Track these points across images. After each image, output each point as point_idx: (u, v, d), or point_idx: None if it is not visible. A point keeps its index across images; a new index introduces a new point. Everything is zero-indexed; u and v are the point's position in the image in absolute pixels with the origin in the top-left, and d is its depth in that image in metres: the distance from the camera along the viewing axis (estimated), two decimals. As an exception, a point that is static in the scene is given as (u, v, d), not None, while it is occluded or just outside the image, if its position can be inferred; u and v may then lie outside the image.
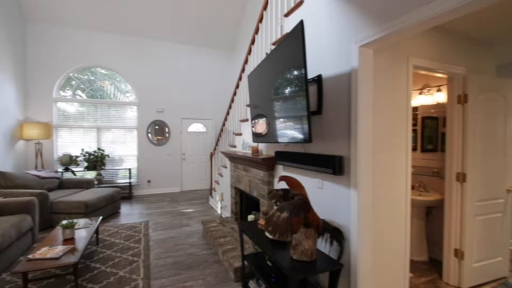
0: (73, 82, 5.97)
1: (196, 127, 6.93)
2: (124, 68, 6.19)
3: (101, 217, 3.42)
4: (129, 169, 5.96)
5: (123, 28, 6.02)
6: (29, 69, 5.50)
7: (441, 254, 2.47)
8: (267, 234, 2.21)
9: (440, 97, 2.82)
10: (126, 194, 5.91)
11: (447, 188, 2.36)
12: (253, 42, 3.42)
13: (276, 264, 1.91)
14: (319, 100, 2.06)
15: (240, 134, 3.72)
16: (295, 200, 1.79)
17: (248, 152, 3.28)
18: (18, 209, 3.26)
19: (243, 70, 3.80)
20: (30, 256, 2.28)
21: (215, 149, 5.23)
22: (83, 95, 6.05)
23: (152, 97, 6.45)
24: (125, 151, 6.32)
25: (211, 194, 5.41)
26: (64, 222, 2.84)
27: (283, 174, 2.55)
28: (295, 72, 2.00)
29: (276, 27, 2.80)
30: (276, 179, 2.73)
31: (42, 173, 4.66)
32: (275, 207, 1.96)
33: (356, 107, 1.75)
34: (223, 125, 4.71)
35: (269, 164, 2.71)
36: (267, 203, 2.74)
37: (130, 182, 5.98)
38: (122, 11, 5.66)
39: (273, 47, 2.78)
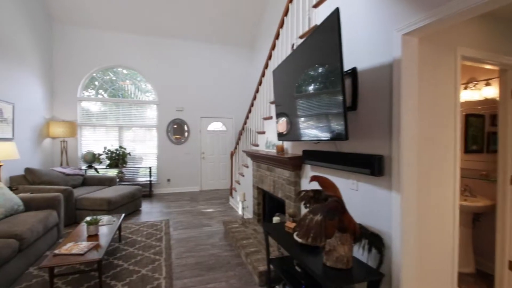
0: (96, 82, 6.11)
1: (216, 126, 6.91)
2: (145, 67, 6.25)
3: (123, 214, 3.42)
4: (150, 168, 6.01)
5: (145, 28, 6.08)
6: (55, 69, 5.67)
7: (491, 266, 2.24)
8: (295, 237, 2.09)
9: (488, 92, 2.56)
10: (147, 192, 5.96)
11: (500, 192, 2.13)
12: (277, 36, 3.30)
13: (307, 270, 1.78)
14: (353, 95, 1.91)
15: (263, 133, 3.61)
16: (329, 202, 1.65)
17: (272, 151, 3.16)
18: (45, 205, 3.32)
19: (266, 66, 3.68)
20: (56, 251, 2.28)
21: (235, 148, 5.15)
22: (105, 95, 6.17)
23: (172, 96, 6.48)
24: (145, 150, 6.39)
25: (231, 194, 5.34)
26: (88, 218, 2.85)
27: (312, 174, 2.41)
28: (328, 65, 1.86)
29: (304, 19, 2.67)
30: (303, 180, 2.60)
31: (67, 170, 4.77)
32: (304, 209, 1.84)
33: (399, 102, 1.59)
34: (244, 123, 4.62)
35: (295, 164, 2.58)
36: (294, 204, 2.61)
37: (150, 181, 6.03)
38: (144, 12, 5.72)
39: (300, 40, 2.65)
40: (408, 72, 1.62)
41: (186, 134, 6.61)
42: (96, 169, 5.58)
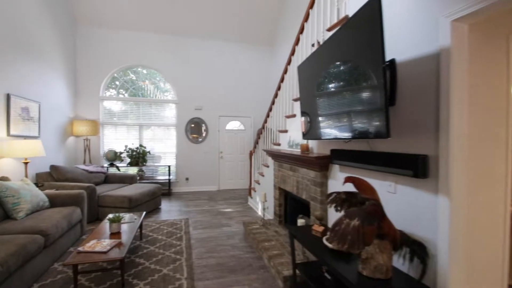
0: (117, 82, 6.21)
1: (234, 125, 6.85)
2: (164, 66, 6.29)
3: (144, 213, 3.41)
4: (169, 166, 6.04)
5: (164, 27, 6.12)
6: (78, 69, 5.81)
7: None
8: (325, 242, 1.96)
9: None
10: (166, 190, 5.99)
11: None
12: (301, 31, 3.17)
13: (339, 278, 1.65)
14: (392, 89, 1.76)
15: (286, 131, 3.49)
16: (368, 206, 1.52)
17: (296, 150, 3.04)
18: (69, 202, 3.36)
19: (289, 62, 3.56)
20: (80, 249, 2.28)
21: (255, 147, 5.06)
22: (126, 94, 6.26)
23: (191, 95, 6.49)
24: (164, 148, 6.43)
25: (250, 194, 5.26)
26: (111, 216, 2.85)
27: (342, 175, 2.27)
28: (364, 58, 1.72)
29: (331, 11, 2.53)
30: (330, 181, 2.46)
31: (90, 168, 4.86)
32: (334, 212, 1.71)
33: (448, 95, 1.43)
34: (265, 122, 4.52)
35: (322, 164, 2.45)
36: (320, 206, 2.48)
37: (169, 179, 6.05)
38: (164, 11, 5.75)
39: (328, 33, 2.51)
40: (458, 62, 1.45)
41: (204, 133, 6.59)
42: (117, 167, 5.67)
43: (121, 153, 5.83)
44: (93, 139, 5.88)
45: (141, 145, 5.94)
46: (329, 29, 2.49)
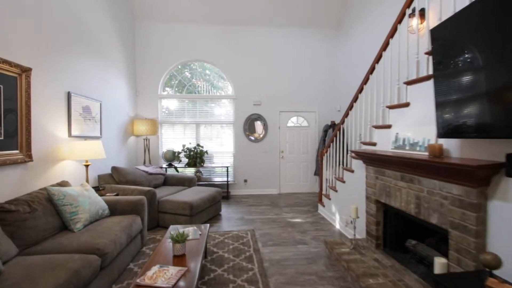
0: (174, 80, 5.95)
1: (296, 121, 6.09)
2: (221, 59, 5.83)
3: (208, 226, 2.88)
4: (227, 167, 5.56)
5: (220, 17, 5.64)
6: (138, 67, 5.67)
7: None
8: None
9: None
10: (224, 193, 5.54)
11: None
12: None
13: None
14: None
15: (387, 127, 2.61)
16: None
17: (416, 153, 2.16)
18: (129, 209, 3.01)
19: (391, 35, 2.66)
20: (139, 281, 1.78)
21: (329, 146, 4.24)
22: (183, 92, 5.97)
23: (249, 89, 5.92)
24: (221, 148, 5.99)
25: (321, 201, 4.47)
26: (173, 232, 2.35)
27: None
28: None
29: None
30: (497, 202, 1.56)
31: (150, 169, 4.60)
32: None
33: None
34: (345, 115, 3.65)
35: (483, 176, 1.56)
36: (476, 242, 1.59)
37: (227, 181, 5.58)
38: (219, 0, 5.27)
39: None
40: None
41: (263, 130, 5.98)
42: (176, 168, 5.38)
43: (179, 153, 5.54)
44: (152, 138, 5.71)
45: (198, 145, 5.58)
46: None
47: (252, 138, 5.95)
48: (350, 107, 3.53)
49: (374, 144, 2.81)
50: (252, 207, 4.90)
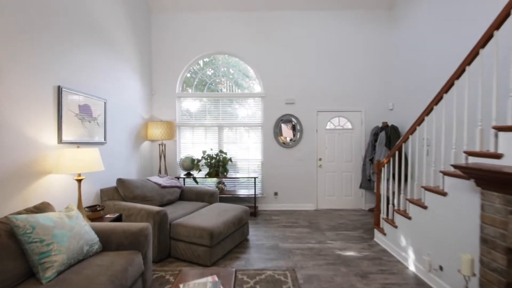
0: (193, 77, 5.19)
1: (338, 122, 5.07)
2: (247, 52, 4.98)
3: (234, 273, 1.98)
4: (254, 178, 4.66)
5: (246, 2, 4.80)
6: (154, 64, 4.98)
7: None
8: None
9: None
10: (251, 209, 4.65)
11: None
12: None
13: None
14: None
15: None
16: None
17: None
18: (127, 242, 2.20)
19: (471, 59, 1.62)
20: None
21: (393, 154, 3.19)
22: (204, 91, 5.19)
23: (280, 86, 5.01)
24: (247, 154, 5.12)
25: (378, 225, 3.42)
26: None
27: None
28: None
29: None
30: None
31: (164, 181, 3.82)
32: None
33: None
34: (426, 113, 2.59)
35: None
36: None
37: (255, 195, 4.68)
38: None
39: None
40: None
41: (297, 134, 5.03)
42: (195, 179, 4.58)
43: (198, 160, 4.74)
44: (168, 144, 4.97)
45: (221, 151, 4.74)
46: None
47: (283, 143, 5.02)
48: (436, 100, 2.47)
49: (498, 157, 1.76)
50: (287, 229, 3.95)
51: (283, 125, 5.03)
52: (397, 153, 3.09)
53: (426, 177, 2.59)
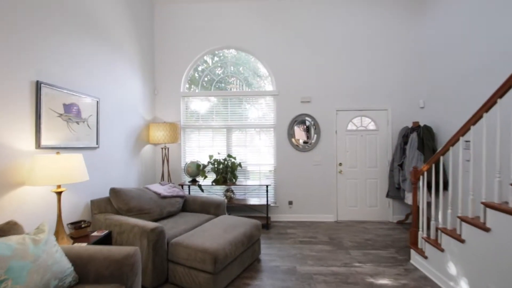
0: (201, 74, 4.77)
1: (360, 122, 4.51)
2: (258, 45, 4.52)
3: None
4: (267, 186, 4.16)
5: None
6: (156, 60, 4.58)
7: None
8: None
9: None
10: (263, 221, 4.15)
11: None
12: None
13: None
14: None
15: None
16: None
17: None
18: (107, 273, 1.75)
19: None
20: None
21: (437, 161, 2.62)
22: (212, 90, 4.75)
23: (295, 83, 4.50)
24: (258, 159, 4.63)
25: (415, 245, 2.85)
26: None
27: None
28: None
29: None
30: None
31: (164, 190, 3.38)
32: None
33: None
34: (487, 109, 2.03)
35: None
36: None
37: (267, 205, 4.17)
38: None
39: None
40: None
41: (314, 136, 4.50)
42: (200, 187, 4.12)
43: (204, 166, 4.29)
44: (172, 147, 4.55)
45: (229, 155, 4.28)
46: None
47: (297, 145, 4.50)
48: (499, 94, 1.91)
49: None
50: (304, 245, 3.43)
51: (295, 127, 4.52)
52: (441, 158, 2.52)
53: (487, 191, 2.02)
